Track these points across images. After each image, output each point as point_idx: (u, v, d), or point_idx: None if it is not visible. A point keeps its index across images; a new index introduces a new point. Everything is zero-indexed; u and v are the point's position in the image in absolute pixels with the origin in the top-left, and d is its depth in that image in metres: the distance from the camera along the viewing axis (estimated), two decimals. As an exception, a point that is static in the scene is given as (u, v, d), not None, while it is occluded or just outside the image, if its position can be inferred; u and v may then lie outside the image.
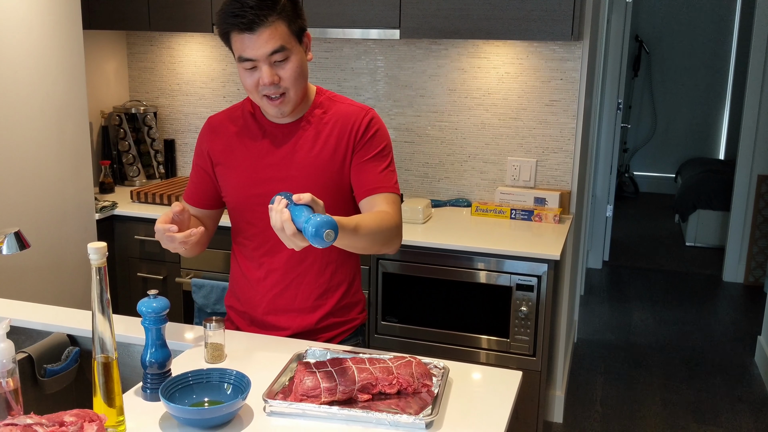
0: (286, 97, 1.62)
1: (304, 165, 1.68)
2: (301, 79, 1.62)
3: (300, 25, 1.61)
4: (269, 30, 1.54)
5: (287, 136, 1.70)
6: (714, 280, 5.22)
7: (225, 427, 1.30)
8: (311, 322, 1.76)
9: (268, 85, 1.58)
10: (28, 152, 2.46)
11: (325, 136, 1.69)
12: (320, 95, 1.74)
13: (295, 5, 1.61)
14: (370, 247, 1.57)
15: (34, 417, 1.12)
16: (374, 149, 1.69)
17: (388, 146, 1.73)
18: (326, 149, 1.68)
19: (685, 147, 7.62)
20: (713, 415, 3.34)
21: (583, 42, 2.95)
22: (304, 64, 1.63)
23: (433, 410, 1.33)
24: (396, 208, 1.66)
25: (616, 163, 5.22)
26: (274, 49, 1.55)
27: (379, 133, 1.71)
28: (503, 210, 3.00)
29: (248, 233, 1.76)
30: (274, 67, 1.58)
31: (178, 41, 3.51)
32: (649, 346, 4.07)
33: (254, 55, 1.55)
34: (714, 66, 7.36)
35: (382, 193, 1.66)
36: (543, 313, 2.61)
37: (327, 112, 1.71)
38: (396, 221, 1.64)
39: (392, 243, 1.64)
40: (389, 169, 1.70)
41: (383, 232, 1.57)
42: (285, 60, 1.58)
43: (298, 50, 1.61)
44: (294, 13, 1.59)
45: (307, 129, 1.70)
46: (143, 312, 1.38)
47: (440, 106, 3.19)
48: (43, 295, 2.52)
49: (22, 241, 1.56)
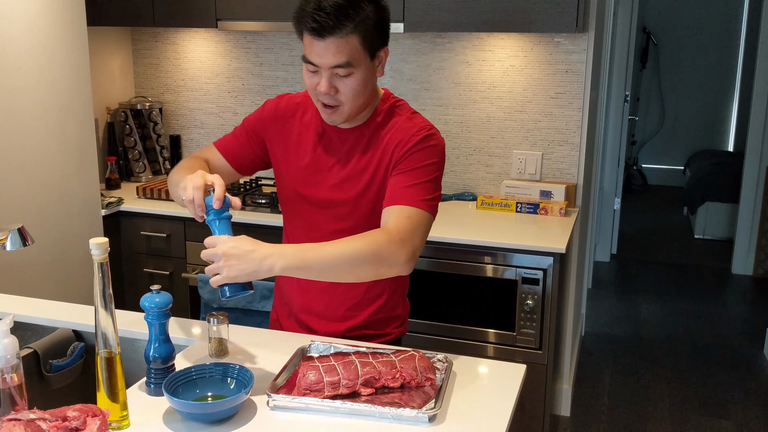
0: (340, 108, 1.54)
1: (350, 176, 1.63)
2: (360, 97, 1.54)
3: (377, 42, 1.51)
4: (339, 42, 1.45)
5: (343, 143, 1.64)
6: (723, 273, 5.19)
7: (228, 421, 1.30)
8: (339, 330, 1.72)
9: (324, 93, 1.51)
10: (34, 149, 2.47)
11: (377, 150, 1.61)
12: (384, 102, 1.64)
13: (380, 21, 1.51)
14: (344, 276, 1.46)
15: (37, 412, 1.13)
16: (414, 163, 1.55)
17: (434, 165, 1.57)
18: (372, 162, 1.61)
19: (693, 139, 7.58)
20: (722, 408, 3.32)
21: (588, 34, 2.93)
22: (369, 81, 1.54)
23: (436, 404, 1.33)
24: (404, 224, 1.48)
25: (623, 155, 5.20)
26: (338, 63, 1.47)
27: (427, 150, 1.57)
28: (509, 203, 2.99)
29: (293, 225, 1.74)
30: (335, 78, 1.50)
31: (182, 37, 3.51)
32: (658, 340, 4.06)
33: (317, 62, 1.48)
34: (722, 57, 7.31)
35: (398, 205, 1.51)
36: (549, 307, 2.60)
37: (384, 125, 1.62)
38: (386, 241, 1.43)
39: (382, 267, 1.45)
40: (421, 186, 1.54)
41: (357, 259, 1.41)
42: (348, 75, 1.49)
43: (366, 66, 1.51)
44: (375, 28, 1.49)
45: (361, 140, 1.62)
46: (146, 307, 1.39)
47: (445, 99, 3.18)
48: (49, 291, 2.53)
49: (25, 237, 1.56)
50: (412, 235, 1.48)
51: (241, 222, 2.86)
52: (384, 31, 1.53)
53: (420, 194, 1.52)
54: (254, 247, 1.36)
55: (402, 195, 1.52)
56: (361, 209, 1.64)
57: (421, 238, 1.51)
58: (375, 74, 1.56)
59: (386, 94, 1.66)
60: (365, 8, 1.47)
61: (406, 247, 1.46)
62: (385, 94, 1.66)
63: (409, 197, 1.52)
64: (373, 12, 1.48)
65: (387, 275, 1.48)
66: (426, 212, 1.53)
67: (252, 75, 3.44)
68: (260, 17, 2.98)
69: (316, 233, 1.66)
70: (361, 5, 1.46)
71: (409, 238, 1.47)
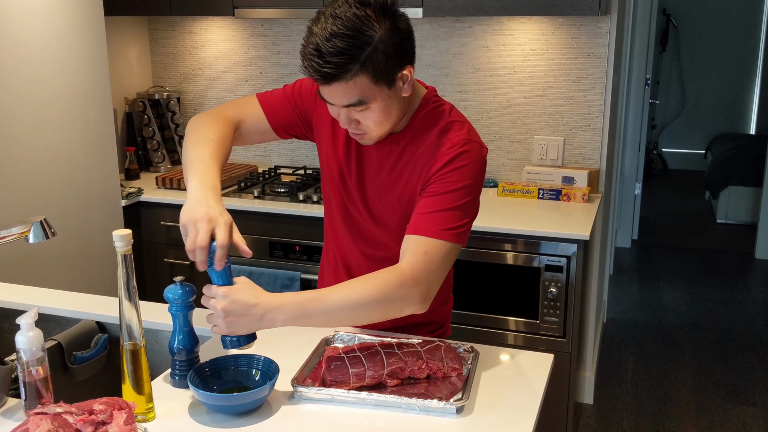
0: (368, 135, 1.45)
1: (382, 188, 1.54)
2: (386, 123, 1.42)
3: (392, 70, 1.35)
4: (345, 85, 1.32)
5: (378, 150, 1.53)
6: (746, 258, 5.12)
7: (254, 413, 1.29)
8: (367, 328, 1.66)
9: (344, 126, 1.44)
10: (54, 141, 2.47)
11: (407, 165, 1.51)
12: (423, 108, 1.50)
13: (396, 45, 1.34)
14: (352, 322, 1.38)
15: (63, 405, 1.12)
16: (442, 187, 1.43)
17: (465, 190, 1.43)
18: (403, 175, 1.51)
19: (714, 122, 7.47)
20: (747, 394, 3.28)
21: (610, 16, 2.88)
22: (392, 107, 1.40)
23: (464, 395, 1.31)
24: (419, 261, 1.37)
25: (644, 140, 5.13)
26: (349, 102, 1.35)
27: (457, 172, 1.43)
28: (530, 190, 2.96)
29: (329, 210, 1.67)
30: (353, 113, 1.39)
31: (199, 25, 3.49)
32: (681, 326, 4.02)
33: (330, 101, 1.38)
34: (744, 39, 7.18)
35: (417, 235, 1.40)
36: (572, 294, 2.57)
37: (419, 137, 1.49)
38: (396, 283, 1.35)
39: (392, 310, 1.37)
40: (447, 213, 1.41)
41: (365, 305, 1.34)
42: (364, 110, 1.38)
43: (384, 96, 1.37)
44: (388, 58, 1.32)
45: (395, 150, 1.51)
46: (170, 299, 1.38)
47: (465, 85, 3.14)
48: (72, 283, 2.54)
49: (47, 229, 1.55)
50: (427, 274, 1.38)
51: (260, 211, 2.85)
52: (403, 53, 1.36)
53: (443, 222, 1.40)
54: (255, 301, 1.30)
55: (423, 223, 1.41)
56: (390, 225, 1.57)
57: (437, 275, 1.40)
58: (400, 96, 1.41)
59: (426, 98, 1.52)
60: (374, 36, 1.30)
61: (420, 287, 1.37)
62: (425, 97, 1.52)
63: (430, 226, 1.40)
64: (386, 36, 1.31)
65: (399, 315, 1.39)
66: (448, 242, 1.40)
67: (270, 63, 3.42)
68: (277, 4, 2.95)
69: (347, 226, 1.63)
70: (367, 38, 1.29)
71: (424, 277, 1.37)
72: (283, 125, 1.63)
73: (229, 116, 1.59)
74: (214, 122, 1.55)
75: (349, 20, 1.29)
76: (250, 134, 1.64)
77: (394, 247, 1.48)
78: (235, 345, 1.35)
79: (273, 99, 1.63)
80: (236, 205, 2.88)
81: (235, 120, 1.60)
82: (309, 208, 2.82)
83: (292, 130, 1.64)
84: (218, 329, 1.32)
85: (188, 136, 1.53)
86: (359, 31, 1.29)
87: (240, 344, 1.35)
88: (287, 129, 1.64)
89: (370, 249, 1.61)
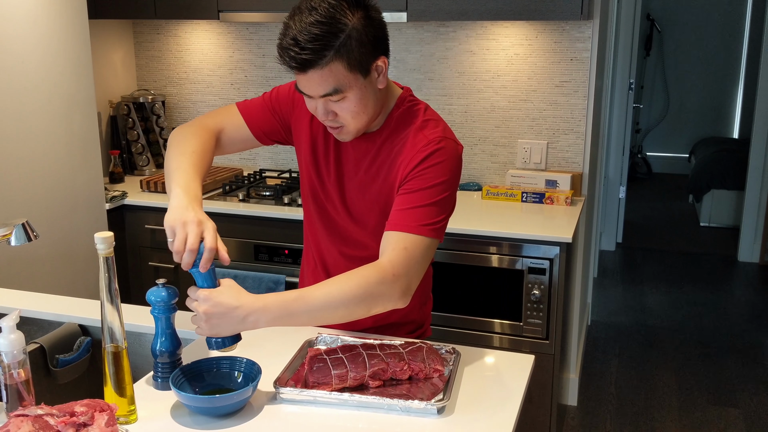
0: (345, 128, 1.47)
1: (360, 186, 1.57)
2: (363, 115, 1.45)
3: (367, 58, 1.40)
4: (321, 72, 1.36)
5: (355, 149, 1.56)
6: (729, 261, 5.17)
7: (236, 414, 1.29)
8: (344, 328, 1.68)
9: (322, 120, 1.48)
10: (37, 143, 2.46)
11: (384, 163, 1.54)
12: (399, 107, 1.54)
13: (370, 34, 1.39)
14: (335, 319, 1.39)
15: (45, 408, 1.12)
16: (419, 184, 1.46)
17: (442, 185, 1.46)
18: (381, 173, 1.54)
19: (698, 126, 7.54)
20: (730, 396, 3.31)
21: (593, 21, 2.91)
22: (368, 98, 1.44)
23: (445, 395, 1.32)
24: (399, 256, 1.40)
25: (628, 143, 5.17)
26: (326, 92, 1.39)
27: (434, 168, 1.46)
28: (514, 193, 2.98)
29: (308, 211, 1.69)
30: (329, 104, 1.43)
31: (184, 29, 3.49)
32: (664, 328, 4.05)
33: (307, 92, 1.42)
34: (727, 43, 7.26)
35: (396, 231, 1.43)
36: (555, 296, 2.59)
37: (394, 136, 1.53)
38: (377, 280, 1.37)
39: (374, 305, 1.40)
40: (424, 209, 1.44)
41: (346, 302, 1.36)
42: (340, 100, 1.41)
43: (360, 86, 1.41)
44: (362, 45, 1.38)
45: (372, 148, 1.55)
46: (152, 301, 1.38)
47: (449, 89, 3.16)
48: (55, 286, 2.53)
49: (29, 231, 1.55)
50: (407, 269, 1.41)
51: (245, 215, 2.85)
52: (376, 42, 1.42)
53: (422, 218, 1.43)
54: (237, 303, 1.31)
55: (402, 219, 1.44)
56: (369, 223, 1.60)
57: (417, 270, 1.43)
58: (375, 88, 1.45)
59: (402, 97, 1.56)
60: (348, 24, 1.35)
61: (400, 282, 1.40)
62: (401, 96, 1.56)
63: (409, 222, 1.43)
64: (359, 25, 1.37)
65: (382, 311, 1.42)
66: (427, 238, 1.43)
67: (255, 66, 3.42)
68: (262, 8, 2.96)
69: (327, 227, 1.65)
70: (341, 25, 1.35)
71: (404, 272, 1.40)
72: (265, 132, 1.66)
73: (210, 126, 1.63)
74: (196, 133, 1.58)
75: (325, 9, 1.35)
76: (232, 142, 1.67)
77: (373, 246, 1.51)
78: (220, 346, 1.36)
79: (252, 107, 1.67)
80: (221, 209, 2.88)
81: (216, 130, 1.63)
82: (294, 211, 2.83)
83: (273, 136, 1.68)
84: (202, 331, 1.34)
85: (170, 148, 1.55)
86: (334, 19, 1.35)
87: (225, 345, 1.36)
88: (269, 135, 1.67)
89: (349, 249, 1.63)
